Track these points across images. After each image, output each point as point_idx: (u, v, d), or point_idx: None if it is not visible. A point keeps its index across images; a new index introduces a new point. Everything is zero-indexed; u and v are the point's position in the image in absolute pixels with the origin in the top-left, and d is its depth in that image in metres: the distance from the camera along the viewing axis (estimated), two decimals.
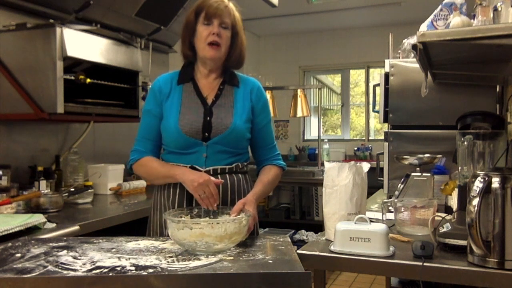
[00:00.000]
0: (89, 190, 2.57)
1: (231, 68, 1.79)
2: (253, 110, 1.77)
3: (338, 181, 1.64)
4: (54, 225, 1.92)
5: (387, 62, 2.80)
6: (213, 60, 1.71)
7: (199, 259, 1.27)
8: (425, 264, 1.37)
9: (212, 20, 1.67)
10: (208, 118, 1.70)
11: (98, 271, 1.16)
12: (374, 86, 3.27)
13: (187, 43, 1.75)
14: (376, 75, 5.90)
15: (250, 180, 1.83)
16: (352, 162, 1.67)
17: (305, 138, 6.32)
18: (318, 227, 4.17)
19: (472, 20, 1.60)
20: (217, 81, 1.77)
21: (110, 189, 2.88)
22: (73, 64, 2.55)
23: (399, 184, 2.11)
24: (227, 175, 1.72)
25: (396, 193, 2.07)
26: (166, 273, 1.16)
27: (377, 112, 3.06)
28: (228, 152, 1.72)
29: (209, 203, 1.59)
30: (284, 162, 1.86)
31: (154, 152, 1.78)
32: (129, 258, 1.27)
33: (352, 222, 1.52)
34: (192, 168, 1.69)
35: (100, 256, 1.29)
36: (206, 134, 1.68)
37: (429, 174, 2.13)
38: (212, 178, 1.61)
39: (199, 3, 1.71)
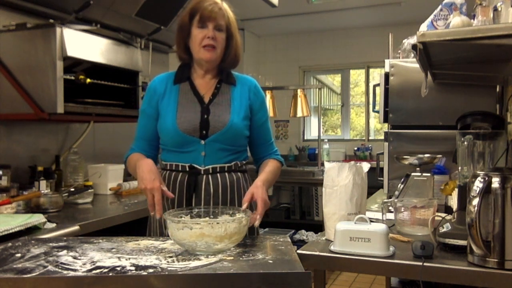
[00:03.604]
0: (89, 190, 2.57)
1: (227, 68, 1.79)
2: (252, 108, 1.77)
3: (338, 181, 1.64)
4: (54, 225, 1.92)
5: (387, 62, 2.80)
6: (209, 62, 1.72)
7: (199, 259, 1.27)
8: (425, 264, 1.37)
9: (207, 24, 1.66)
10: (206, 116, 1.70)
11: (98, 271, 1.16)
12: (374, 86, 3.27)
13: (182, 45, 1.75)
14: (376, 75, 5.90)
15: (250, 179, 1.83)
16: (352, 162, 1.67)
17: (305, 138, 6.32)
18: (318, 227, 4.17)
19: (472, 20, 1.60)
20: (214, 80, 1.78)
21: (110, 189, 2.87)
22: (73, 64, 2.55)
23: (399, 184, 2.11)
24: (226, 174, 1.72)
25: (396, 193, 2.07)
26: (166, 273, 1.15)
27: (377, 112, 3.06)
28: (226, 150, 1.72)
29: (152, 209, 1.51)
30: (282, 158, 1.87)
31: (148, 151, 1.80)
32: (129, 258, 1.27)
33: (352, 222, 1.52)
34: (191, 167, 1.70)
35: (100, 256, 1.29)
36: (204, 132, 1.68)
37: (429, 174, 2.13)
38: (164, 189, 1.54)
39: (193, 5, 1.70)
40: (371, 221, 1.53)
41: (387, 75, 2.77)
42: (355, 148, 5.85)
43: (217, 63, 1.74)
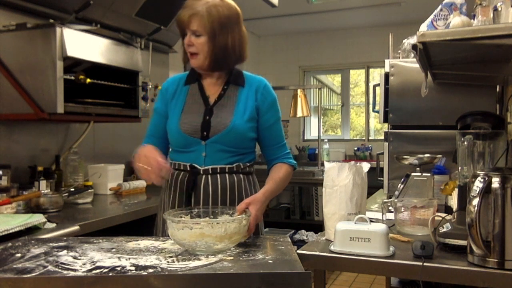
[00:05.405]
0: (89, 190, 2.57)
1: (231, 66, 1.75)
2: (259, 109, 1.75)
3: (338, 181, 1.64)
4: (54, 225, 1.92)
5: (387, 62, 2.80)
6: (198, 68, 1.72)
7: (199, 259, 1.27)
8: (425, 264, 1.37)
9: (185, 31, 1.66)
10: (208, 118, 1.70)
11: (98, 271, 1.16)
12: (374, 86, 3.27)
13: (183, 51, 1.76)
14: (376, 75, 5.90)
15: (255, 181, 1.82)
16: (352, 162, 1.67)
17: (305, 138, 6.32)
18: (318, 227, 4.17)
19: (472, 20, 1.60)
20: (221, 81, 1.77)
21: (110, 189, 2.88)
22: (73, 64, 2.55)
23: (399, 184, 2.11)
24: (227, 175, 1.71)
25: (396, 193, 2.07)
26: (166, 273, 1.15)
27: (377, 112, 3.06)
28: (228, 152, 1.71)
29: (146, 174, 1.48)
30: (294, 161, 1.82)
31: (159, 149, 1.79)
32: (129, 258, 1.27)
33: (352, 222, 1.52)
34: (192, 167, 1.70)
35: (100, 256, 1.29)
36: (205, 133, 1.68)
37: (429, 174, 2.13)
38: (161, 161, 1.50)
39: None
40: (371, 221, 1.53)
41: (387, 75, 2.77)
42: (355, 148, 5.85)
43: (209, 68, 1.70)
